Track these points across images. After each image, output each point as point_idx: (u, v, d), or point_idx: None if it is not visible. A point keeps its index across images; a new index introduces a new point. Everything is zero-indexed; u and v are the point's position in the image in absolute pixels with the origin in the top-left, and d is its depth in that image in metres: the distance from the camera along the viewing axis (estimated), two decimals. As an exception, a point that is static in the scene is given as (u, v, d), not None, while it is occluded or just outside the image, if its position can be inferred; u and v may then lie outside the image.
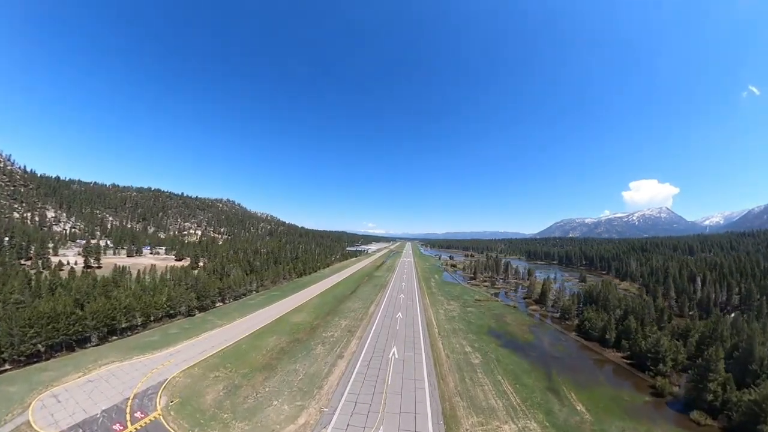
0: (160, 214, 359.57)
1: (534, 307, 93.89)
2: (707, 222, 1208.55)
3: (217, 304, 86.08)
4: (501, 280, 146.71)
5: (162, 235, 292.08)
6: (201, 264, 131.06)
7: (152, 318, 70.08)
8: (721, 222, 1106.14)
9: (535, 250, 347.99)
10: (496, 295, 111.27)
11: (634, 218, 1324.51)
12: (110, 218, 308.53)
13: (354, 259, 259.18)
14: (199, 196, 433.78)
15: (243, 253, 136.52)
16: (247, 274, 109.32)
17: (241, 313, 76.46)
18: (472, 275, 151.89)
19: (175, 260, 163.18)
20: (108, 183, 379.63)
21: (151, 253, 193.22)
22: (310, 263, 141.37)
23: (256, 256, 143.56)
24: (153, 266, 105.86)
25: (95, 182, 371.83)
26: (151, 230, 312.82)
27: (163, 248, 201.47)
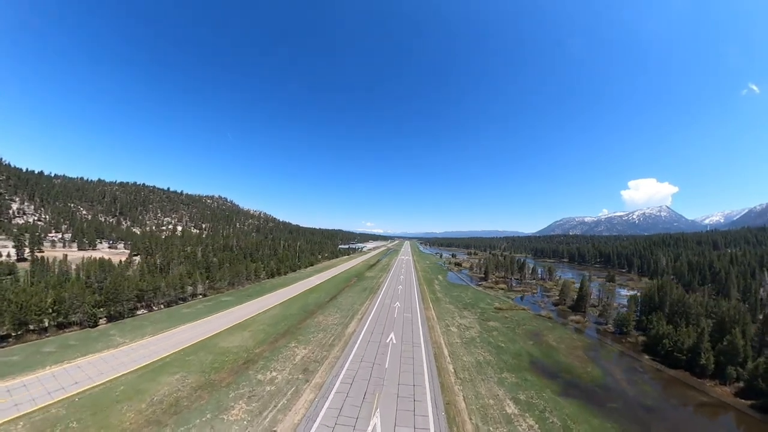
0: (140, 208, 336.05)
1: (574, 317, 69.92)
2: (707, 221, 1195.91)
3: (139, 312, 62.55)
4: (516, 281, 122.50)
5: (137, 230, 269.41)
6: (146, 259, 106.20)
7: (32, 327, 49.76)
8: (722, 221, 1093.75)
9: (542, 247, 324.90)
10: (517, 300, 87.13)
11: (635, 217, 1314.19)
12: (83, 212, 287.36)
13: (346, 257, 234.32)
14: (185, 192, 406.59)
15: (204, 248, 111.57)
16: (201, 273, 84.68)
17: (160, 328, 52.49)
18: (483, 275, 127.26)
19: (131, 255, 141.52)
20: (95, 179, 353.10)
21: (109, 247, 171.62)
22: (287, 261, 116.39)
23: (223, 252, 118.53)
24: (65, 257, 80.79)
25: (81, 177, 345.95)
26: (126, 224, 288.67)
27: (123, 243, 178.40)
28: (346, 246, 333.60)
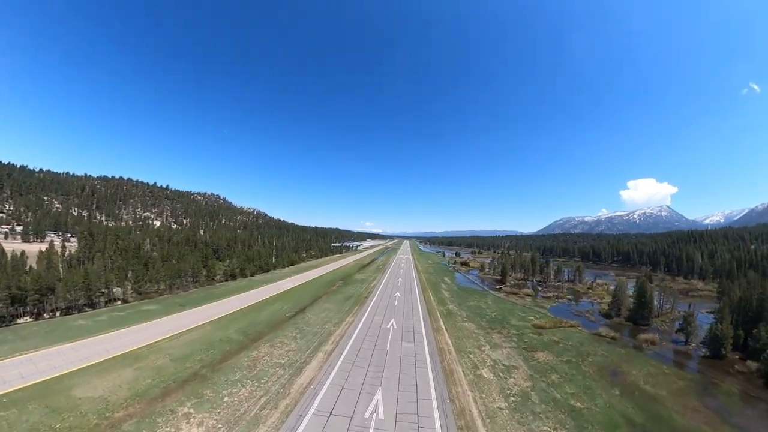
0: (119, 202, 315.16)
1: (645, 336, 49.41)
2: (708, 220, 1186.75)
3: (21, 320, 42.99)
4: (539, 284, 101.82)
5: (112, 224, 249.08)
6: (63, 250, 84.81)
7: None
8: (722, 221, 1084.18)
9: (550, 246, 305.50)
10: (552, 310, 66.34)
11: (635, 216, 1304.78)
12: (57, 205, 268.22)
13: (337, 255, 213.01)
14: (171, 187, 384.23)
15: (153, 241, 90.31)
16: (132, 270, 63.63)
17: (15, 349, 34.77)
18: (499, 277, 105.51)
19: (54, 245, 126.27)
20: (81, 174, 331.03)
21: (63, 240, 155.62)
22: (258, 260, 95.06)
23: (184, 246, 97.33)
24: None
25: (66, 173, 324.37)
26: (100, 218, 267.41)
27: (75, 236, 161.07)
28: (340, 244, 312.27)
